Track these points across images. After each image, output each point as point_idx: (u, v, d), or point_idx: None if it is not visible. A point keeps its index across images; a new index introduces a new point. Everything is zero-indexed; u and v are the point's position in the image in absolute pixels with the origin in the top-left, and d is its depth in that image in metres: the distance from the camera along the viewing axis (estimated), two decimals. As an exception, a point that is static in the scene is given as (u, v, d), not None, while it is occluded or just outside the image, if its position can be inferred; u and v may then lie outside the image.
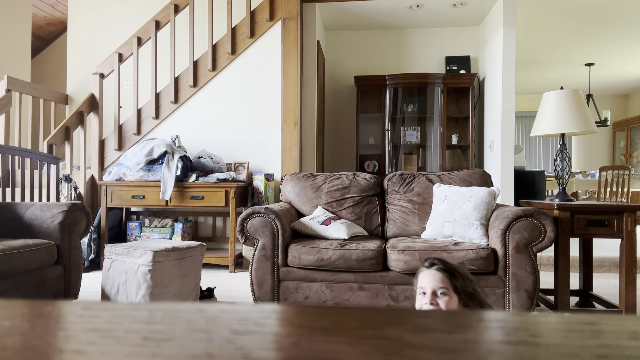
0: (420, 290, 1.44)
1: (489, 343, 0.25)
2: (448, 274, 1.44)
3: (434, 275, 1.44)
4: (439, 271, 1.45)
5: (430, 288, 1.42)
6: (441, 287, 1.42)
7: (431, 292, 1.41)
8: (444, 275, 1.44)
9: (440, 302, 1.39)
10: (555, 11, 5.00)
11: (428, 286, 1.42)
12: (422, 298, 1.43)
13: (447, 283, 1.42)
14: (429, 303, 1.39)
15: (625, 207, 2.21)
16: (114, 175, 3.65)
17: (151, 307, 0.32)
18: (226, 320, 0.29)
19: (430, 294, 1.41)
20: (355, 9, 4.68)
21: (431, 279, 1.43)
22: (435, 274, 1.44)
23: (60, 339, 0.26)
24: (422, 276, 1.46)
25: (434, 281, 1.42)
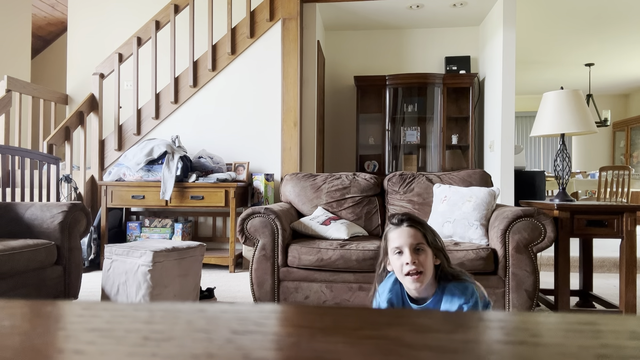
0: (395, 251, 1.38)
1: (489, 343, 0.25)
2: (421, 228, 1.40)
3: (408, 232, 1.38)
4: (412, 227, 1.39)
5: (407, 246, 1.36)
6: (418, 243, 1.37)
7: (411, 250, 1.36)
8: (417, 230, 1.39)
9: (421, 258, 1.35)
10: (555, 11, 5.00)
11: (405, 244, 1.37)
12: (398, 258, 1.37)
13: (421, 238, 1.38)
14: (411, 262, 1.34)
15: (625, 207, 2.21)
16: (114, 176, 3.65)
17: (151, 307, 0.32)
18: (226, 320, 0.29)
19: (411, 252, 1.35)
20: (355, 9, 4.68)
21: (407, 236, 1.37)
22: (409, 230, 1.38)
23: (60, 338, 0.26)
24: (395, 235, 1.39)
25: (409, 238, 1.37)
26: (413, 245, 1.36)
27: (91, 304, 0.32)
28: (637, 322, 0.29)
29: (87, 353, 0.23)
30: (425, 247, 1.37)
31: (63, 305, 0.32)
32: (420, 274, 1.34)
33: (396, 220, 1.42)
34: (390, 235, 1.42)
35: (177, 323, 0.28)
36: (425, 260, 1.36)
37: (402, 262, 1.36)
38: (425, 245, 1.38)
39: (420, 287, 1.35)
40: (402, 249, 1.37)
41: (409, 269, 1.34)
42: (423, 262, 1.35)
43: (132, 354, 0.23)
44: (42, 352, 0.24)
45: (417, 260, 1.34)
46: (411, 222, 1.40)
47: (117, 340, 0.25)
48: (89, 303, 0.33)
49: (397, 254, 1.38)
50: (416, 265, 1.34)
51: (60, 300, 0.34)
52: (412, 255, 1.35)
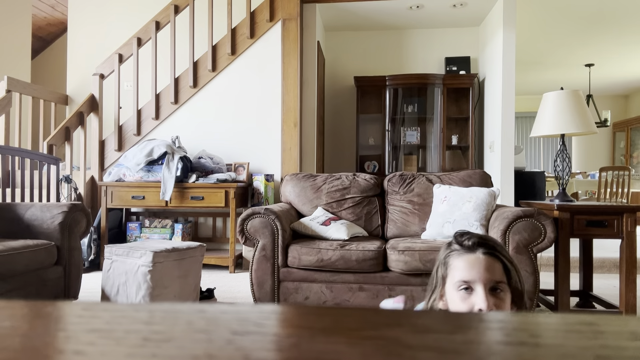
0: (462, 286, 0.99)
1: (489, 344, 0.25)
2: (505, 260, 1.01)
3: (486, 263, 0.99)
4: (491, 256, 0.99)
5: (482, 283, 0.98)
6: (498, 281, 0.98)
7: (487, 290, 0.97)
8: (498, 262, 1.00)
9: (498, 304, 0.98)
10: (555, 12, 5.00)
11: (479, 280, 0.98)
12: (465, 297, 0.99)
13: (502, 275, 0.99)
14: (487, 309, 0.95)
15: (625, 207, 2.21)
16: (114, 176, 3.65)
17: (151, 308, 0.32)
18: (226, 320, 0.29)
19: (486, 293, 0.96)
20: (355, 9, 4.68)
21: (483, 269, 0.98)
22: (487, 260, 0.99)
23: (60, 339, 0.26)
24: (464, 263, 1.00)
25: (487, 272, 0.98)
26: (490, 283, 0.98)
27: (91, 304, 0.32)
28: (638, 323, 0.29)
29: (87, 354, 0.23)
30: (506, 289, 0.99)
31: (63, 306, 0.32)
32: None
33: (470, 243, 1.02)
34: (455, 262, 1.02)
35: (177, 324, 0.28)
36: (503, 306, 0.98)
37: (471, 304, 0.97)
38: (506, 285, 0.99)
39: None
40: (473, 285, 0.98)
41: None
42: (500, 309, 0.97)
43: (132, 355, 0.23)
44: (42, 353, 0.24)
45: (494, 307, 0.96)
46: (491, 249, 1.01)
47: (117, 341, 0.25)
48: (89, 304, 0.33)
49: (464, 291, 0.99)
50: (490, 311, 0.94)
51: (60, 301, 0.34)
52: (488, 297, 0.96)
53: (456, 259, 1.02)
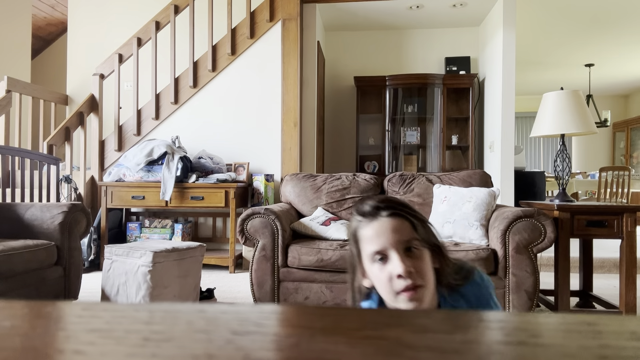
0: (376, 257, 0.90)
1: (489, 344, 0.25)
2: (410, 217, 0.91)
3: (391, 226, 0.89)
4: (396, 217, 0.90)
5: (394, 247, 0.87)
6: (409, 239, 0.89)
7: (401, 253, 0.87)
8: (404, 220, 0.90)
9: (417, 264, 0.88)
10: (555, 12, 5.00)
11: (390, 245, 0.87)
12: (382, 268, 0.89)
13: (411, 232, 0.90)
14: (405, 274, 0.85)
15: (625, 207, 2.21)
16: (114, 176, 3.65)
17: (151, 308, 0.32)
18: (226, 320, 0.29)
19: (401, 257, 0.87)
20: (355, 9, 4.68)
21: (390, 232, 0.88)
22: (392, 222, 0.89)
23: (60, 339, 0.26)
24: (371, 232, 0.90)
25: (395, 234, 0.88)
26: (403, 245, 0.88)
27: (91, 304, 0.32)
28: (637, 323, 0.29)
29: (87, 354, 0.23)
30: (420, 245, 0.90)
31: (63, 306, 0.32)
32: (418, 288, 0.86)
33: (369, 209, 0.91)
34: (363, 234, 0.92)
35: (177, 324, 0.28)
36: (423, 265, 0.88)
37: (389, 273, 0.87)
38: (420, 241, 0.90)
39: (420, 307, 0.88)
40: (386, 252, 0.89)
41: (403, 284, 0.86)
42: (421, 269, 0.87)
43: (132, 355, 0.23)
44: (42, 353, 0.24)
45: (412, 269, 0.86)
46: (394, 208, 0.91)
47: (117, 340, 0.25)
48: (89, 304, 0.33)
49: (380, 262, 0.89)
50: (413, 277, 0.86)
51: (60, 301, 0.34)
52: (404, 260, 0.86)
53: (362, 230, 0.93)
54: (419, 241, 0.90)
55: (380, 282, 0.90)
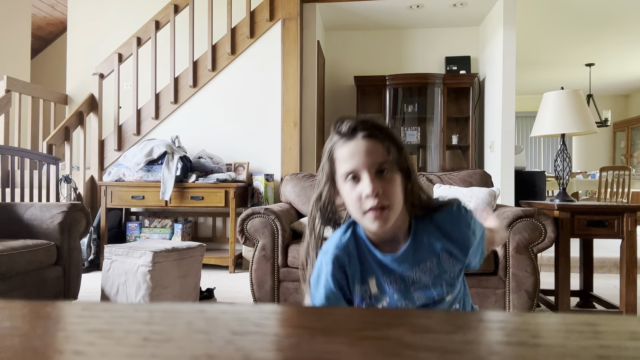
0: (348, 177, 0.92)
1: (489, 344, 0.25)
2: (384, 139, 0.92)
3: (366, 147, 0.91)
4: (371, 139, 0.91)
5: (366, 168, 0.90)
6: (381, 162, 0.90)
7: (372, 175, 0.89)
8: (378, 143, 0.92)
9: (386, 186, 0.90)
10: (555, 11, 5.00)
11: (362, 166, 0.90)
12: (353, 187, 0.91)
13: (384, 154, 0.91)
14: (372, 194, 0.88)
15: (625, 207, 2.21)
16: (113, 176, 3.65)
17: (151, 308, 0.32)
18: (226, 321, 0.29)
19: (372, 178, 0.89)
20: (355, 9, 4.68)
21: (364, 154, 0.90)
22: (367, 144, 0.91)
23: (60, 339, 0.26)
24: (346, 152, 0.92)
25: (368, 156, 0.90)
26: (375, 167, 0.90)
27: (91, 304, 0.32)
28: (638, 323, 0.29)
29: (87, 354, 0.23)
30: (392, 168, 0.92)
31: (63, 306, 0.32)
32: (385, 209, 0.90)
33: (346, 129, 0.93)
34: (338, 152, 0.94)
35: (177, 324, 0.28)
36: (392, 188, 0.91)
37: (358, 192, 0.90)
38: (391, 164, 0.92)
39: (384, 227, 0.91)
40: (358, 173, 0.91)
41: (370, 204, 0.89)
42: (389, 191, 0.90)
43: (132, 355, 0.23)
44: (42, 353, 0.24)
45: (380, 190, 0.89)
46: (369, 129, 0.92)
47: (117, 341, 0.25)
48: (89, 304, 0.33)
49: (352, 181, 0.92)
50: (380, 198, 0.89)
51: (59, 301, 0.34)
52: (374, 182, 0.89)
53: (339, 150, 0.94)
54: (390, 164, 0.92)
55: (351, 201, 0.93)
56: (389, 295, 0.98)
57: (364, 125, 0.92)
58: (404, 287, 0.97)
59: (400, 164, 0.94)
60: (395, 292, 0.98)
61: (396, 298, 0.98)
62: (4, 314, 0.30)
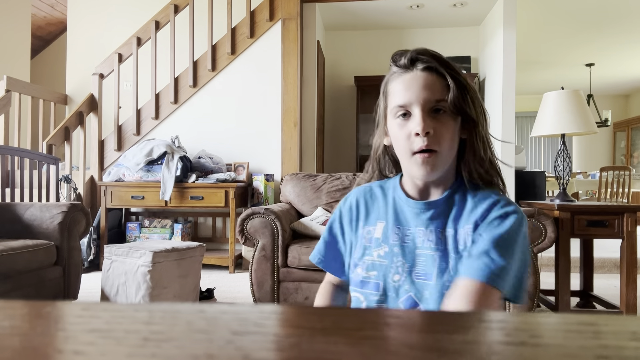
0: (398, 112, 0.82)
1: (489, 344, 0.25)
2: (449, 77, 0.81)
3: (425, 82, 0.81)
4: (433, 73, 0.81)
5: (419, 104, 0.80)
6: (439, 99, 0.80)
7: (425, 112, 0.80)
8: (438, 78, 0.81)
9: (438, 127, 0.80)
10: (555, 11, 5.00)
11: (415, 101, 0.80)
12: (402, 124, 0.82)
13: (443, 92, 0.81)
14: (422, 132, 0.78)
15: (625, 207, 2.21)
16: (113, 176, 3.65)
17: (151, 308, 0.32)
18: (226, 321, 0.29)
19: (423, 114, 0.79)
20: (355, 9, 4.68)
21: (420, 89, 0.80)
22: (426, 78, 0.81)
23: (59, 339, 0.26)
24: (402, 85, 0.82)
25: (425, 91, 0.80)
26: (430, 104, 0.80)
27: (91, 304, 0.32)
28: (638, 323, 0.29)
29: (86, 354, 0.23)
30: (449, 110, 0.81)
31: (62, 306, 0.32)
32: (433, 153, 0.80)
33: (405, 60, 0.83)
34: (393, 86, 0.85)
35: (177, 324, 0.28)
36: (445, 131, 0.80)
37: (408, 130, 0.81)
38: (450, 106, 0.80)
39: (432, 173, 0.81)
40: (410, 108, 0.81)
41: (420, 144, 0.79)
42: (441, 134, 0.80)
43: (132, 355, 0.23)
44: (41, 353, 0.24)
45: (431, 130, 0.79)
46: (430, 62, 0.81)
47: (116, 341, 0.25)
48: (89, 304, 0.33)
49: (401, 117, 0.82)
50: (430, 140, 0.79)
51: (59, 301, 0.34)
52: (426, 119, 0.79)
53: (393, 82, 0.85)
54: (449, 106, 0.80)
55: (398, 141, 0.84)
56: (389, 247, 0.87)
57: (426, 56, 0.82)
58: (406, 249, 0.86)
59: (462, 109, 0.81)
60: (396, 246, 0.87)
61: (395, 252, 0.86)
62: (4, 314, 0.30)
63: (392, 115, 0.85)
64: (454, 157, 0.86)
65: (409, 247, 0.86)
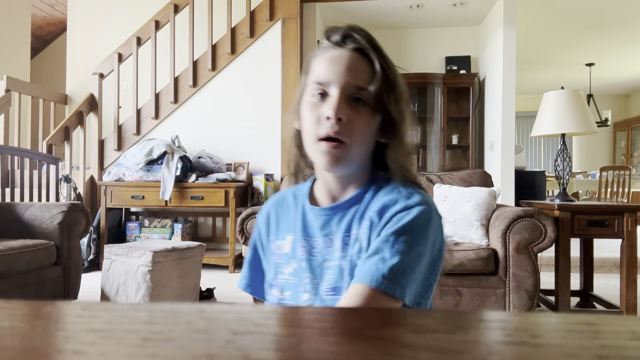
0: (317, 90, 0.73)
1: (489, 344, 0.25)
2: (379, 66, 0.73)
3: (351, 63, 0.72)
4: (363, 56, 0.74)
5: (339, 85, 0.71)
6: (360, 87, 0.72)
7: (343, 96, 0.71)
8: (365, 62, 0.73)
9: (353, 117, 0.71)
10: (555, 11, 5.00)
11: (335, 81, 0.71)
12: (316, 104, 0.73)
13: (368, 78, 0.72)
14: (334, 116, 0.69)
15: (625, 207, 2.21)
16: (113, 176, 3.65)
17: (151, 308, 0.32)
18: (226, 320, 0.29)
19: (340, 98, 0.70)
20: (355, 9, 4.68)
21: (344, 69, 0.72)
22: (354, 59, 0.73)
23: (59, 339, 0.26)
24: (325, 62, 0.74)
25: (349, 73, 0.71)
26: (350, 88, 0.71)
27: (91, 304, 0.32)
28: (638, 323, 0.29)
29: (86, 354, 0.23)
30: (370, 102, 0.72)
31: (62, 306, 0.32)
32: (341, 145, 0.71)
33: (338, 37, 0.75)
34: (316, 60, 0.76)
35: (177, 324, 0.28)
36: (360, 124, 0.71)
37: (319, 113, 0.72)
38: (372, 98, 0.72)
39: (334, 166, 0.72)
40: (327, 88, 0.72)
41: (327, 129, 0.70)
42: (354, 125, 0.71)
43: (132, 355, 0.23)
44: (41, 353, 0.24)
45: (345, 118, 0.70)
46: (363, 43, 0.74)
47: (116, 340, 0.25)
48: (89, 303, 0.33)
49: (318, 97, 0.73)
50: (340, 128, 0.70)
51: (59, 301, 0.34)
52: (341, 104, 0.70)
53: (318, 57, 0.76)
54: (370, 97, 0.72)
55: (306, 123, 0.74)
56: (297, 262, 0.77)
57: (360, 35, 0.75)
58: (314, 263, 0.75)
59: (383, 104, 0.72)
60: (303, 260, 0.76)
61: (302, 268, 0.76)
62: (4, 314, 0.30)
63: (308, 93, 0.75)
64: (366, 158, 0.76)
65: (317, 260, 0.76)
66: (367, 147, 0.75)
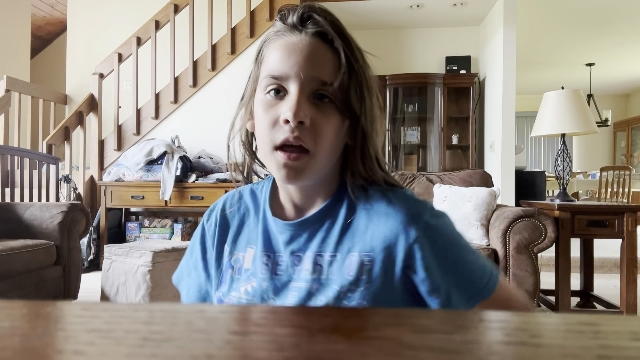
0: (270, 85, 0.60)
1: (489, 344, 0.25)
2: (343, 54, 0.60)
3: (311, 52, 0.59)
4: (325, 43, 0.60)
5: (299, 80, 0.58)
6: (324, 82, 0.59)
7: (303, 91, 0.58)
8: (334, 54, 0.60)
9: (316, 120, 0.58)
10: (555, 11, 5.00)
11: (294, 74, 0.58)
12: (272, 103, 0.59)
13: (333, 71, 0.59)
14: (294, 118, 0.56)
15: (625, 207, 2.21)
16: (113, 176, 3.65)
17: (151, 308, 0.32)
18: (226, 320, 0.29)
19: (299, 95, 0.57)
20: (355, 9, 4.68)
21: (304, 60, 0.58)
22: (315, 47, 0.59)
23: (59, 339, 0.26)
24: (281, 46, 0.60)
25: (310, 65, 0.58)
26: (313, 84, 0.59)
27: (90, 304, 0.32)
28: (638, 323, 0.29)
29: (86, 354, 0.23)
30: (336, 100, 0.60)
31: (62, 306, 0.32)
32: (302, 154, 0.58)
33: (294, 19, 0.61)
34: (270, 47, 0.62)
35: (177, 324, 0.28)
36: (325, 126, 0.59)
37: (275, 114, 0.59)
38: (338, 94, 0.59)
39: (294, 180, 0.60)
40: (285, 83, 0.59)
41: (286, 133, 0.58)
42: (319, 129, 0.58)
43: (132, 355, 0.23)
44: (41, 353, 0.24)
45: (307, 121, 0.57)
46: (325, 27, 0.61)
47: (116, 340, 0.25)
48: (89, 304, 0.33)
49: (273, 94, 0.60)
50: (302, 134, 0.57)
51: (59, 301, 0.34)
52: (302, 103, 0.57)
53: (272, 44, 0.62)
54: (337, 94, 0.59)
55: (261, 126, 0.61)
56: (258, 281, 0.65)
57: (322, 17, 0.61)
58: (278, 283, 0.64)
59: (348, 101, 0.59)
60: (265, 279, 0.64)
61: (264, 288, 0.64)
62: (4, 314, 0.30)
63: (261, 89, 0.61)
64: (334, 163, 0.64)
65: (282, 280, 0.64)
66: (336, 153, 0.63)
